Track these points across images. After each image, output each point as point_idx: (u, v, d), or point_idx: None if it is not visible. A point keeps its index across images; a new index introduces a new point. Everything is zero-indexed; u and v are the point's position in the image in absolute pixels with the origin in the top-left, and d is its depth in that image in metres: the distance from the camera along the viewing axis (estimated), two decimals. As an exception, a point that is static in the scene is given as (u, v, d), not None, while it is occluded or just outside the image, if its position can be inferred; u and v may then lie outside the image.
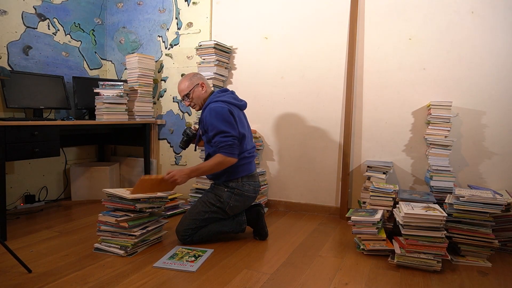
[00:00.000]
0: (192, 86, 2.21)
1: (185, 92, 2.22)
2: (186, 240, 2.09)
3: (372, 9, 2.64)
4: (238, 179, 2.13)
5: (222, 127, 2.04)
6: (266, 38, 2.99)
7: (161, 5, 3.38)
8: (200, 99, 2.24)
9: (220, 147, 2.02)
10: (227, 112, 2.07)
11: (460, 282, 1.69)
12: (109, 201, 2.06)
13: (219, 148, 2.02)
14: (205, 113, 2.13)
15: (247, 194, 2.15)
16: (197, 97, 2.23)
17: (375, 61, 2.65)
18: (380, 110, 2.65)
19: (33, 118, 2.71)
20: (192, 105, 2.26)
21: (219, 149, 2.02)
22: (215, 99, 2.16)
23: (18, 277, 1.69)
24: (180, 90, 2.24)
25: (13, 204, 2.85)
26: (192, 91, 2.21)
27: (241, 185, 2.13)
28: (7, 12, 2.78)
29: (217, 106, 2.08)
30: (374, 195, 2.24)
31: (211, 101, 2.16)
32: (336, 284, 1.66)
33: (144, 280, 1.67)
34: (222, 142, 2.02)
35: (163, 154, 3.43)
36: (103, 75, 3.64)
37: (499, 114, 2.36)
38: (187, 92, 2.21)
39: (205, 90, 2.25)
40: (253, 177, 2.19)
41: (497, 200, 1.88)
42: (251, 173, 2.18)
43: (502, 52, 2.33)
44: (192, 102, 2.24)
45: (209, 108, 2.10)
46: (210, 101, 2.17)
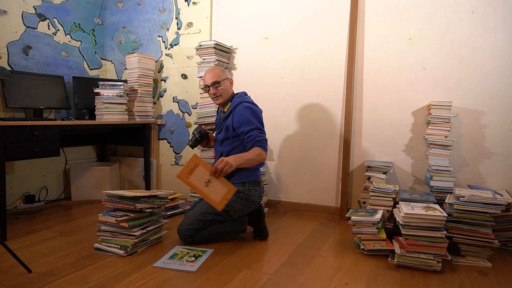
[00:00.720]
0: (224, 77, 2.20)
1: (218, 79, 2.17)
2: (187, 240, 2.09)
3: (372, 9, 2.64)
4: (245, 184, 2.13)
5: (259, 125, 2.09)
6: (266, 38, 2.99)
7: (161, 5, 3.38)
8: (226, 92, 2.21)
9: (257, 140, 2.03)
10: (260, 113, 2.16)
11: (460, 282, 1.69)
12: (109, 201, 2.06)
13: (256, 142, 2.03)
14: (239, 110, 2.11)
15: (252, 199, 2.16)
16: (225, 90, 2.19)
17: (375, 61, 2.65)
18: (380, 110, 2.65)
19: (33, 118, 2.71)
20: (216, 95, 2.19)
21: (256, 143, 2.03)
22: (246, 100, 2.17)
23: (18, 277, 1.69)
24: (213, 75, 2.17)
25: (13, 204, 2.85)
26: (223, 81, 2.18)
27: (247, 189, 2.13)
28: (7, 12, 2.78)
29: (252, 106, 2.13)
30: (374, 195, 2.24)
31: (243, 100, 2.15)
32: (336, 284, 1.66)
33: (144, 280, 1.67)
34: (259, 136, 2.05)
35: (163, 154, 3.43)
36: (103, 75, 3.64)
37: (499, 114, 2.36)
38: (219, 80, 2.17)
39: (231, 87, 2.26)
40: (258, 183, 2.20)
41: (497, 200, 1.88)
42: (257, 179, 2.19)
43: (502, 52, 2.33)
44: (218, 92, 2.18)
45: (244, 106, 2.11)
46: (242, 100, 2.16)
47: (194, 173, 1.85)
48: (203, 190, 1.87)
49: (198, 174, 1.85)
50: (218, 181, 1.89)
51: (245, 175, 2.13)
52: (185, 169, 1.83)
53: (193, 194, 2.88)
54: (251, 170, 2.15)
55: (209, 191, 1.87)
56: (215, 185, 1.88)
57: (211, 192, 1.87)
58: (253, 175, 2.16)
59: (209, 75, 2.19)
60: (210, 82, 2.18)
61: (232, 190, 1.91)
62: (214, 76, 2.17)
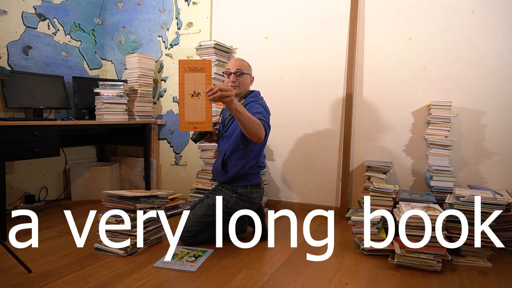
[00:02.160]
0: (248, 71, 2.18)
1: (242, 70, 2.13)
2: (188, 241, 2.09)
3: (372, 9, 2.64)
4: (247, 187, 2.13)
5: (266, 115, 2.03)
6: (266, 38, 2.99)
7: (161, 5, 3.38)
8: (244, 87, 2.17)
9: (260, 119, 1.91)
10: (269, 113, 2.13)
11: (460, 282, 1.69)
12: (109, 201, 2.05)
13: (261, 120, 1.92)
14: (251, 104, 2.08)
15: (254, 201, 2.17)
16: (244, 83, 2.16)
17: (375, 61, 2.65)
18: (380, 110, 2.65)
19: (33, 118, 2.71)
20: (235, 84, 2.12)
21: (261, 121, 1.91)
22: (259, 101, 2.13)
23: (18, 277, 1.68)
24: (239, 64, 2.13)
25: (13, 204, 2.85)
26: (246, 74, 2.15)
27: (249, 192, 2.14)
28: (7, 12, 2.78)
29: (264, 105, 2.11)
30: (374, 195, 2.24)
31: (256, 101, 2.12)
32: (336, 284, 1.66)
33: (144, 280, 1.67)
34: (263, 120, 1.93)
35: (163, 154, 3.43)
36: (103, 75, 3.64)
37: (499, 114, 2.36)
38: (243, 71, 2.13)
39: (250, 84, 2.23)
40: (259, 186, 2.21)
41: (497, 200, 1.88)
42: (258, 181, 2.20)
43: (502, 52, 2.33)
44: (238, 82, 2.13)
45: (258, 103, 2.09)
46: (255, 100, 2.13)
47: (193, 73, 1.63)
48: (185, 98, 1.63)
49: (196, 78, 1.63)
50: (205, 103, 1.64)
51: (247, 179, 2.14)
52: (191, 62, 1.63)
53: (193, 194, 2.88)
54: (253, 174, 2.15)
55: (188, 104, 1.64)
56: (199, 105, 1.63)
57: (189, 106, 1.64)
58: (254, 178, 2.16)
59: (235, 62, 2.15)
60: (235, 69, 2.12)
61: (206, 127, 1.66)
62: (240, 65, 2.13)
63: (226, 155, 2.13)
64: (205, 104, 1.63)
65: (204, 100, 1.63)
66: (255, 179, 2.16)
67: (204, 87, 1.63)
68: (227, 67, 2.17)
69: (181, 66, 1.62)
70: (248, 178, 2.14)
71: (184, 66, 1.62)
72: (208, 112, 1.64)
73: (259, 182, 2.20)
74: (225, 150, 2.15)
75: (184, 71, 1.62)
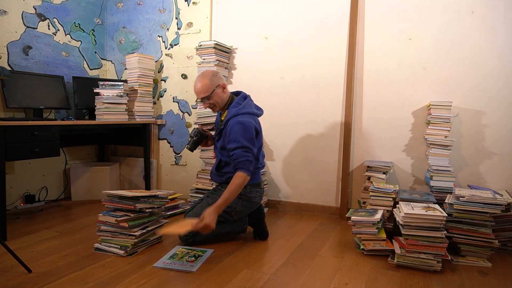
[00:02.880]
0: (213, 87, 2.06)
1: (206, 95, 2.05)
2: (188, 240, 2.09)
3: (372, 9, 2.64)
4: (246, 186, 2.11)
5: (246, 143, 1.98)
6: (266, 38, 2.98)
7: (161, 5, 3.38)
8: (220, 101, 2.11)
9: (239, 161, 1.96)
10: (253, 128, 2.04)
11: (460, 282, 1.69)
12: (109, 201, 2.06)
13: (238, 163, 1.96)
14: (231, 124, 2.02)
15: (253, 200, 2.17)
16: (217, 100, 2.09)
17: (375, 61, 2.65)
18: (380, 110, 2.65)
19: (33, 118, 2.71)
20: (211, 107, 2.12)
21: (238, 164, 1.96)
22: (242, 111, 2.06)
23: (18, 277, 1.68)
24: (200, 91, 2.05)
25: (13, 204, 2.85)
26: (213, 93, 2.06)
27: (249, 191, 2.13)
28: (7, 12, 2.78)
29: (246, 121, 2.01)
30: (374, 195, 2.24)
31: (238, 113, 2.05)
32: (336, 284, 1.66)
33: (144, 280, 1.67)
34: (243, 156, 1.96)
35: (163, 154, 3.43)
36: (103, 75, 3.64)
37: (499, 114, 2.36)
38: (207, 95, 2.05)
39: (225, 92, 2.13)
40: (259, 185, 2.21)
41: (497, 200, 1.88)
42: (258, 181, 2.20)
43: (502, 52, 2.33)
44: (211, 104, 2.10)
45: (237, 121, 2.01)
46: (237, 112, 2.05)
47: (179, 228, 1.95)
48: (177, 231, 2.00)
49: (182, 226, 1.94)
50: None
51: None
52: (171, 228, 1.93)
53: (193, 194, 2.88)
54: (254, 173, 2.15)
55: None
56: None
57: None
58: (254, 178, 2.15)
59: (196, 89, 2.07)
60: (200, 97, 2.08)
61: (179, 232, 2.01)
62: (202, 91, 2.05)
63: (222, 162, 2.16)
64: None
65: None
66: (254, 179, 2.15)
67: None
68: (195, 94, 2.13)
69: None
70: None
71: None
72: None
73: (259, 181, 2.20)
74: (219, 157, 2.17)
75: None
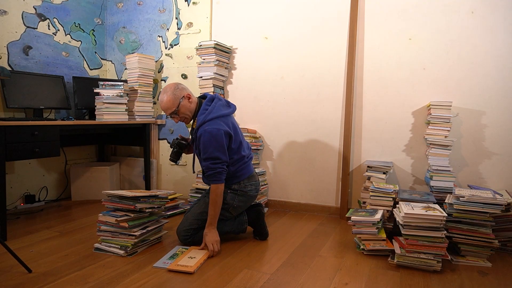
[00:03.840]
0: (177, 101, 2.03)
1: (172, 110, 2.04)
2: (187, 240, 2.09)
3: (372, 9, 2.64)
4: (240, 182, 2.13)
5: (215, 153, 1.96)
6: (266, 38, 2.99)
7: (161, 5, 3.38)
8: (188, 112, 2.08)
9: (208, 175, 1.98)
10: (222, 136, 1.98)
11: (460, 282, 1.69)
12: (109, 201, 2.06)
13: (208, 177, 1.99)
14: (199, 134, 2.00)
15: (250, 194, 2.16)
16: (185, 111, 2.07)
17: (375, 61, 2.65)
18: (380, 110, 2.65)
19: (33, 118, 2.71)
20: (182, 120, 2.11)
21: (208, 177, 1.99)
22: (208, 118, 2.00)
23: (18, 277, 1.69)
24: (166, 108, 2.04)
25: (13, 204, 2.85)
26: (179, 106, 2.04)
27: (243, 186, 2.13)
28: (7, 12, 2.78)
29: (213, 130, 1.96)
30: (374, 195, 2.24)
31: (205, 120, 2.00)
32: (336, 284, 1.66)
33: (144, 280, 1.67)
34: (211, 169, 1.97)
35: (163, 154, 3.43)
36: (103, 75, 3.64)
37: (499, 114, 2.36)
38: (174, 109, 2.03)
39: (191, 101, 2.09)
40: (253, 177, 2.20)
41: (497, 200, 1.88)
42: (251, 174, 2.19)
43: (502, 52, 2.33)
44: (181, 117, 2.09)
45: (204, 131, 1.97)
46: (204, 119, 2.00)
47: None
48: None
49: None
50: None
51: (237, 176, 2.12)
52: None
53: (193, 194, 2.88)
54: (241, 170, 2.12)
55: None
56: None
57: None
58: (245, 173, 2.14)
59: (162, 106, 2.05)
60: (168, 113, 2.07)
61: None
62: (168, 107, 2.04)
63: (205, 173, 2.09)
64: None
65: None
66: (246, 173, 2.14)
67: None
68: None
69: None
70: (237, 175, 2.12)
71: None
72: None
73: (252, 173, 2.19)
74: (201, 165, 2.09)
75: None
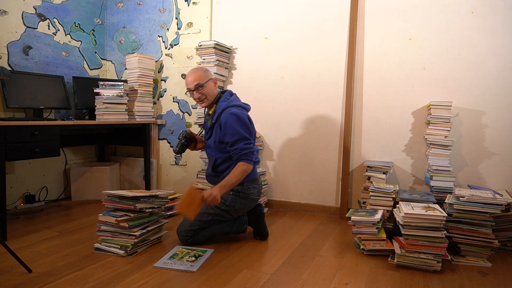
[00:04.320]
0: (206, 78, 2.11)
1: (200, 82, 2.07)
2: (187, 241, 2.09)
3: (372, 9, 2.64)
4: (243, 183, 2.12)
5: (245, 134, 2.03)
6: (266, 38, 2.98)
7: (161, 5, 3.38)
8: (211, 94, 2.13)
9: (242, 154, 2.00)
10: (247, 118, 2.09)
11: (460, 282, 1.69)
12: (109, 201, 2.05)
13: (242, 155, 2.00)
14: (224, 118, 2.04)
15: (252, 197, 2.16)
16: (209, 92, 2.11)
17: (375, 61, 2.65)
18: (380, 110, 2.65)
19: (33, 118, 2.71)
20: (201, 99, 2.12)
21: (242, 156, 2.00)
22: (231, 104, 2.09)
23: (18, 277, 1.69)
24: (194, 79, 2.08)
25: (13, 204, 2.85)
26: (206, 83, 2.10)
27: (246, 188, 2.13)
28: (7, 12, 2.78)
29: (238, 112, 2.04)
30: (374, 195, 2.24)
31: (229, 105, 2.08)
32: (336, 284, 1.66)
33: (144, 280, 1.67)
34: (245, 149, 2.01)
35: (163, 154, 3.43)
36: (103, 75, 3.64)
37: (499, 114, 2.36)
38: (202, 83, 2.08)
39: (216, 88, 2.18)
40: (256, 181, 2.20)
41: (497, 200, 1.88)
42: (255, 177, 2.19)
43: (502, 52, 2.33)
44: (203, 95, 2.11)
45: (230, 113, 2.03)
46: (228, 104, 2.08)
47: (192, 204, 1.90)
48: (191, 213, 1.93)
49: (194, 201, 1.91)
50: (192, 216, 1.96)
51: None
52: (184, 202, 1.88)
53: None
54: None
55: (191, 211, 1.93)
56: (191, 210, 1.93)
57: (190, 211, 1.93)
58: (250, 174, 2.13)
59: (190, 77, 2.09)
60: (193, 85, 2.08)
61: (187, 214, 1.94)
62: (196, 79, 2.08)
63: (218, 160, 2.15)
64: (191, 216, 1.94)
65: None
66: (250, 174, 2.14)
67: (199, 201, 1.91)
68: (186, 85, 2.14)
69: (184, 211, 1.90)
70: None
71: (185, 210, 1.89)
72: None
73: (256, 177, 2.19)
74: (214, 156, 2.17)
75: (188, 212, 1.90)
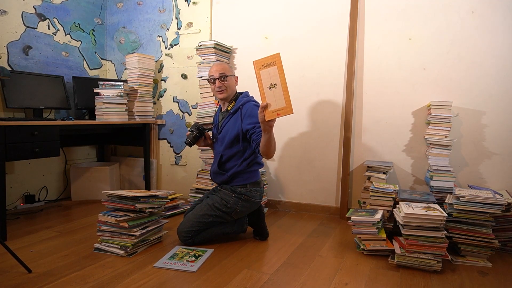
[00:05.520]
0: (231, 72, 2.20)
1: (226, 73, 2.15)
2: (187, 241, 2.09)
3: (372, 9, 2.64)
4: (246, 185, 2.13)
5: None
6: (266, 38, 2.99)
7: (161, 5, 3.38)
8: (231, 89, 2.19)
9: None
10: None
11: (460, 282, 1.69)
12: (109, 201, 2.05)
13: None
14: (247, 107, 2.10)
15: (253, 200, 2.16)
16: (230, 85, 2.18)
17: (375, 61, 2.65)
18: (380, 110, 2.65)
19: (33, 118, 2.71)
20: (221, 89, 2.15)
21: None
22: (252, 99, 2.18)
23: (18, 277, 1.69)
24: (221, 68, 2.16)
25: (13, 204, 2.85)
26: (230, 76, 2.17)
27: (248, 191, 2.13)
28: (7, 12, 2.78)
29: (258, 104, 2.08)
30: (374, 195, 2.24)
31: (250, 100, 2.16)
32: (336, 284, 1.66)
33: (144, 280, 1.67)
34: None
35: (163, 154, 3.43)
36: (103, 75, 3.64)
37: (499, 114, 2.36)
38: (227, 74, 2.15)
39: (236, 85, 2.26)
40: (259, 184, 2.20)
41: (497, 200, 1.88)
42: (257, 180, 2.19)
43: (502, 52, 2.33)
44: (224, 86, 2.15)
45: (253, 104, 2.12)
46: (248, 99, 2.16)
47: (267, 69, 1.76)
48: (265, 91, 1.77)
49: (270, 72, 1.76)
50: (282, 92, 1.75)
51: (246, 177, 2.13)
52: (263, 60, 1.76)
53: (193, 194, 2.88)
54: (252, 172, 2.15)
55: (268, 96, 1.77)
56: (278, 93, 1.76)
57: (270, 97, 1.76)
58: (253, 176, 2.15)
59: (217, 67, 2.17)
60: (218, 74, 2.15)
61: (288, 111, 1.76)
62: (222, 69, 2.16)
63: (224, 157, 2.15)
64: (282, 92, 1.76)
65: (281, 88, 1.76)
66: (254, 177, 2.15)
67: (278, 78, 1.76)
68: (210, 74, 2.17)
69: (256, 65, 1.76)
70: (246, 176, 2.13)
71: (258, 65, 1.76)
72: (286, 98, 1.76)
73: (258, 180, 2.20)
74: (221, 152, 2.17)
75: (259, 69, 1.77)
